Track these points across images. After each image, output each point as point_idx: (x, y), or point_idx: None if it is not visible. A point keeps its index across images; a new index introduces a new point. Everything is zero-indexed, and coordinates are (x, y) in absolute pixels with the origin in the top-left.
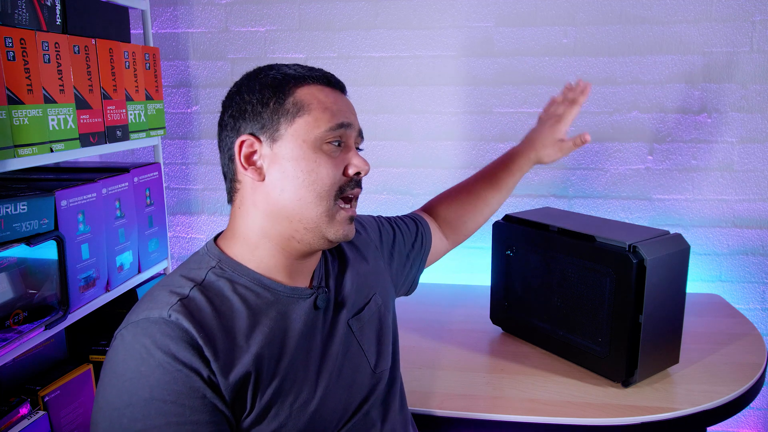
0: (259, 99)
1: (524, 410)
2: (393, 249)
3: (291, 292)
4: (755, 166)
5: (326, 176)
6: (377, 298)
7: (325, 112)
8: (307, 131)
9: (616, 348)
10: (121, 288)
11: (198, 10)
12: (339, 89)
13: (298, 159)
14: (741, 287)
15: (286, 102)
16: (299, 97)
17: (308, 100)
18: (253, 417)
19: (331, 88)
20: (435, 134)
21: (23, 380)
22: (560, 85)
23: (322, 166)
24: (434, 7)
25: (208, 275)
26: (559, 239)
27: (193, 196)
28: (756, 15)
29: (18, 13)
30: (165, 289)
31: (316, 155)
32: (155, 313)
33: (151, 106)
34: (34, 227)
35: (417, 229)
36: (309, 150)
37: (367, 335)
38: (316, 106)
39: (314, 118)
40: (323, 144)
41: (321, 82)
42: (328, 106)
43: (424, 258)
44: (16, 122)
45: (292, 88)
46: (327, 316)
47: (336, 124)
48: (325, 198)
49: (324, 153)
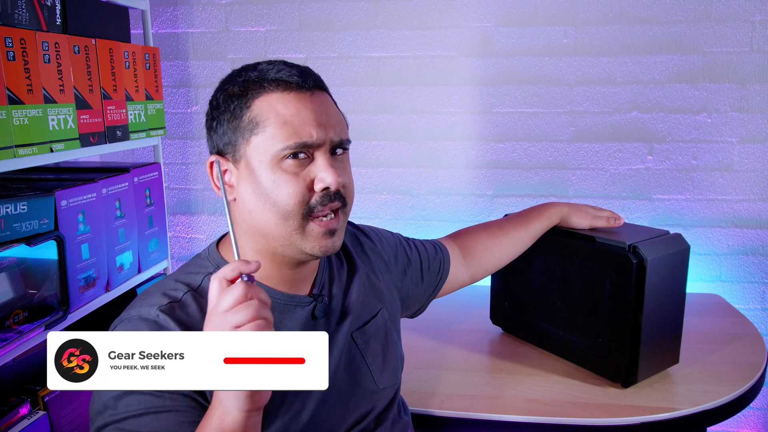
0: (218, 115)
1: (524, 410)
2: (408, 268)
3: (288, 300)
4: (755, 166)
5: (288, 196)
6: (384, 312)
7: (283, 127)
8: (264, 150)
9: (616, 348)
10: (121, 288)
11: (198, 10)
12: (307, 88)
13: (257, 180)
14: (741, 287)
15: (243, 119)
16: (255, 111)
17: (265, 114)
18: None
19: (296, 92)
20: (435, 134)
21: (23, 380)
22: (560, 85)
23: (282, 186)
24: (434, 7)
25: (204, 281)
26: (559, 239)
27: (193, 196)
28: (756, 15)
29: (18, 13)
30: (159, 291)
31: (274, 175)
32: (144, 311)
33: (151, 106)
34: (34, 227)
35: (436, 253)
36: (267, 170)
37: (372, 349)
38: (273, 121)
39: (270, 136)
40: (281, 161)
41: (281, 87)
42: (287, 120)
43: (440, 284)
44: (16, 122)
45: (250, 100)
46: (328, 325)
47: (296, 143)
48: (291, 217)
49: (284, 171)
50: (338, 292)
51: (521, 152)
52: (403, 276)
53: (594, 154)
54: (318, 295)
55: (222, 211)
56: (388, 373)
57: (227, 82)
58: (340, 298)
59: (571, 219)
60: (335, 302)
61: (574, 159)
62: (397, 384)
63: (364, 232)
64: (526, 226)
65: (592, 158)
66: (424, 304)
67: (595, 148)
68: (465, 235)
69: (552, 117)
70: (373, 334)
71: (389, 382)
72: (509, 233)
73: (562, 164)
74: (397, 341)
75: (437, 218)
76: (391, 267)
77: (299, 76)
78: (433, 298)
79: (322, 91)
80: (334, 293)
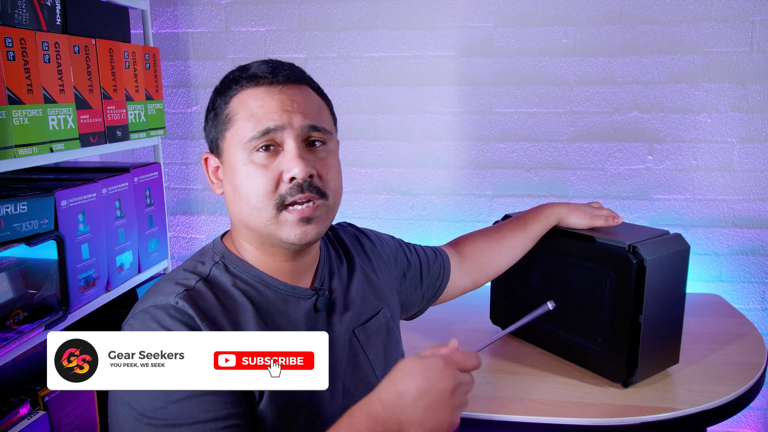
0: (208, 113)
1: (524, 410)
2: (408, 271)
3: (292, 291)
4: (755, 166)
5: (256, 187)
6: (386, 311)
7: (249, 120)
8: (236, 143)
9: (616, 348)
10: (121, 288)
11: (198, 10)
12: (278, 82)
13: (232, 173)
14: (741, 287)
15: (223, 115)
16: (230, 107)
17: (236, 110)
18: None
19: (266, 86)
20: (435, 134)
21: (23, 380)
22: (560, 85)
23: (251, 178)
24: (434, 7)
25: (212, 270)
26: (559, 239)
27: (193, 196)
28: (756, 15)
29: (18, 13)
30: (171, 281)
31: (245, 167)
32: (161, 300)
33: (151, 106)
34: (34, 227)
35: (436, 258)
36: (240, 163)
37: (374, 346)
38: (242, 116)
39: (237, 129)
40: (252, 154)
41: (253, 83)
42: (253, 113)
43: (441, 289)
44: (16, 122)
45: (229, 98)
46: (330, 319)
47: (259, 131)
48: (263, 208)
49: (253, 163)
50: (338, 287)
51: (521, 152)
52: (403, 279)
53: (594, 154)
54: (320, 289)
55: (222, 210)
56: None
57: (220, 81)
58: (341, 293)
59: (569, 219)
60: (336, 296)
61: (574, 159)
62: None
63: (365, 233)
64: (524, 229)
65: (592, 158)
66: (422, 307)
67: (595, 148)
68: (464, 241)
69: (552, 117)
70: (375, 331)
71: None
72: (507, 237)
73: (562, 164)
74: (399, 340)
75: (437, 218)
76: (391, 269)
77: (271, 71)
78: (434, 302)
79: (299, 84)
80: (334, 287)
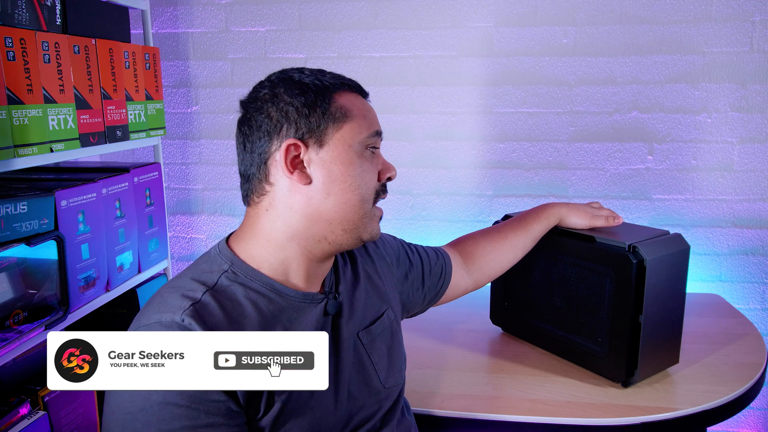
0: (303, 102)
1: (524, 410)
2: (409, 272)
3: (302, 297)
4: (755, 166)
5: (369, 180)
6: (390, 312)
7: (364, 119)
8: (353, 136)
9: (616, 348)
10: (121, 288)
11: (198, 10)
12: (363, 95)
13: (346, 164)
14: (741, 287)
15: (331, 107)
16: (341, 102)
17: (350, 106)
18: (268, 421)
19: (358, 95)
20: (435, 134)
21: (23, 380)
22: (560, 85)
23: (366, 171)
24: (434, 7)
25: (221, 279)
26: (559, 239)
27: (193, 196)
28: (756, 15)
29: (18, 13)
30: (176, 292)
31: (360, 160)
32: (167, 317)
33: (151, 106)
34: (34, 227)
35: (437, 258)
36: (354, 155)
37: (378, 348)
38: (357, 113)
39: (358, 124)
40: (364, 150)
41: (354, 90)
42: (365, 114)
43: (442, 289)
44: (16, 122)
45: (332, 94)
46: (337, 323)
47: (374, 131)
48: (368, 201)
49: (365, 159)
50: (344, 291)
51: (521, 152)
52: (405, 280)
53: (594, 154)
54: (329, 292)
55: (222, 210)
56: (393, 373)
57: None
58: (347, 297)
59: (569, 219)
60: (342, 300)
61: (574, 159)
62: (401, 384)
63: None
64: (525, 229)
65: (592, 158)
66: (423, 308)
67: (595, 148)
68: (465, 241)
69: (552, 117)
70: (379, 334)
71: (395, 382)
72: (508, 237)
73: (562, 164)
74: (401, 341)
75: (437, 218)
76: (394, 269)
77: (361, 86)
78: (435, 303)
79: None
80: (340, 290)
